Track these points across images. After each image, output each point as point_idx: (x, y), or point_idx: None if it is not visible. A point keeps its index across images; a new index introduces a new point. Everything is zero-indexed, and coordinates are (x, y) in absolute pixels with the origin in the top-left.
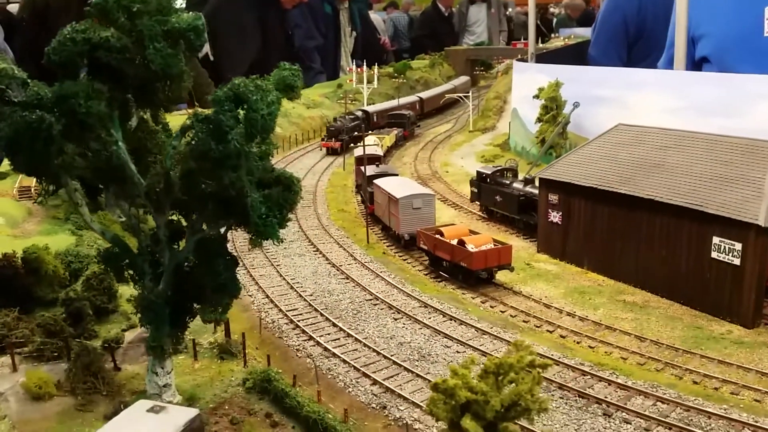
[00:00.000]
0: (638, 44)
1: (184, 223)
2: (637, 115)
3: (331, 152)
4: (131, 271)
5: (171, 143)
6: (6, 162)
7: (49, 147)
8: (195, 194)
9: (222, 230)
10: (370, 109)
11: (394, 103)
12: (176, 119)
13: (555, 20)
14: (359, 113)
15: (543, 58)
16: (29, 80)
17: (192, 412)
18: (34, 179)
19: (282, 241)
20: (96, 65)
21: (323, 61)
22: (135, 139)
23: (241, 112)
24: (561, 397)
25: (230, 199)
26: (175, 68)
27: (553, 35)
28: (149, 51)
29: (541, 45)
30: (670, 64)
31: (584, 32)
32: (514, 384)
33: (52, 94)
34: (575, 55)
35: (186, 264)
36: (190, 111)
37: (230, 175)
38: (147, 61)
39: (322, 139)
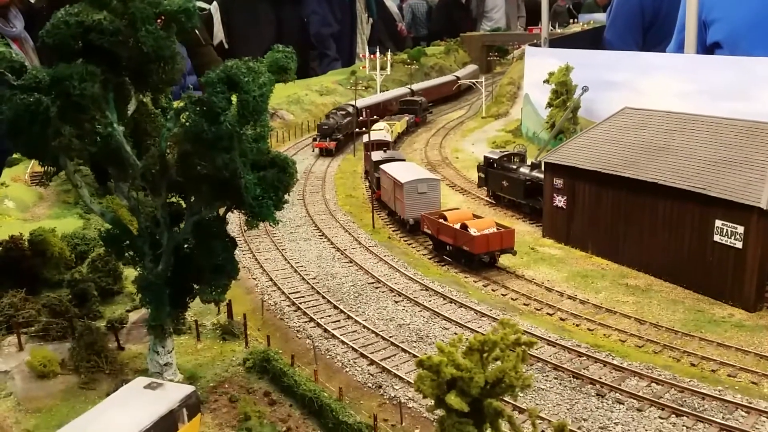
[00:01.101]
0: (653, 29)
1: (184, 205)
2: (648, 100)
3: (326, 153)
4: (131, 252)
5: (166, 126)
6: None
7: (47, 129)
8: (190, 176)
9: (221, 212)
10: (360, 103)
11: (382, 97)
12: None
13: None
14: (349, 108)
15: (557, 43)
16: (26, 64)
17: (188, 389)
18: None
19: (278, 222)
20: (90, 48)
21: (339, 48)
22: (133, 121)
23: (234, 97)
24: (555, 378)
25: (225, 180)
26: (167, 50)
27: (572, 20)
28: (141, 33)
29: (559, 30)
30: (680, 48)
31: (604, 18)
32: (499, 361)
33: (49, 77)
34: (591, 40)
35: (185, 245)
36: None
37: (223, 156)
38: (139, 43)
39: (314, 139)
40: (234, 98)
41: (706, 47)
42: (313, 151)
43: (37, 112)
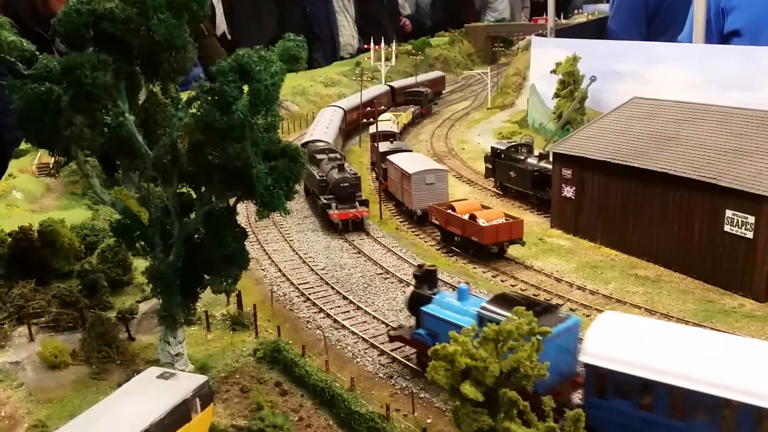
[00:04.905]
0: (657, 18)
1: (194, 195)
2: (656, 90)
3: (353, 227)
4: (142, 243)
5: (177, 115)
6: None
7: (58, 118)
8: (202, 166)
9: (231, 202)
10: (325, 138)
11: (328, 134)
12: None
13: None
14: (337, 153)
15: (563, 33)
16: (38, 53)
17: (200, 379)
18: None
19: (289, 213)
20: (102, 37)
21: (321, 35)
22: (144, 111)
23: (246, 87)
24: None
25: (236, 170)
26: (179, 39)
27: (576, 11)
28: (153, 22)
29: (564, 21)
30: (692, 38)
31: (608, 8)
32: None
33: (60, 66)
34: (596, 30)
35: (196, 236)
36: None
37: (235, 146)
38: (151, 32)
39: (327, 206)
40: (245, 87)
41: (723, 35)
42: (334, 225)
43: (49, 102)
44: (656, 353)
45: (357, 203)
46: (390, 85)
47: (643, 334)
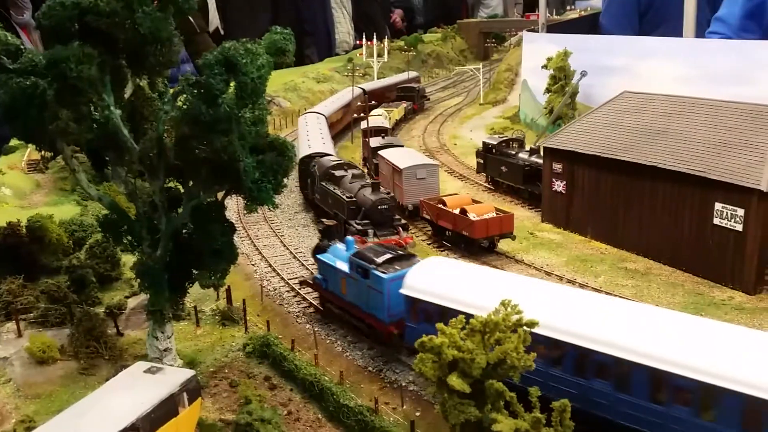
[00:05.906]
0: (650, 13)
1: (182, 190)
2: (647, 84)
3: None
4: (129, 237)
5: (163, 108)
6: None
7: (43, 112)
8: (189, 159)
9: (219, 196)
10: (326, 150)
11: (327, 144)
12: None
13: None
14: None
15: (555, 29)
16: (23, 47)
17: (188, 373)
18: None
19: (277, 206)
20: (87, 30)
21: (316, 31)
22: (131, 105)
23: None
24: None
25: (223, 164)
26: (164, 32)
27: (569, 8)
28: (138, 15)
29: (556, 17)
30: (747, 15)
31: (600, 4)
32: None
33: (45, 59)
34: (588, 26)
35: (184, 230)
36: None
37: (222, 139)
38: (136, 25)
39: (363, 234)
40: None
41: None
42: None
43: (34, 96)
44: (451, 287)
45: (400, 228)
46: (362, 88)
47: (450, 273)
